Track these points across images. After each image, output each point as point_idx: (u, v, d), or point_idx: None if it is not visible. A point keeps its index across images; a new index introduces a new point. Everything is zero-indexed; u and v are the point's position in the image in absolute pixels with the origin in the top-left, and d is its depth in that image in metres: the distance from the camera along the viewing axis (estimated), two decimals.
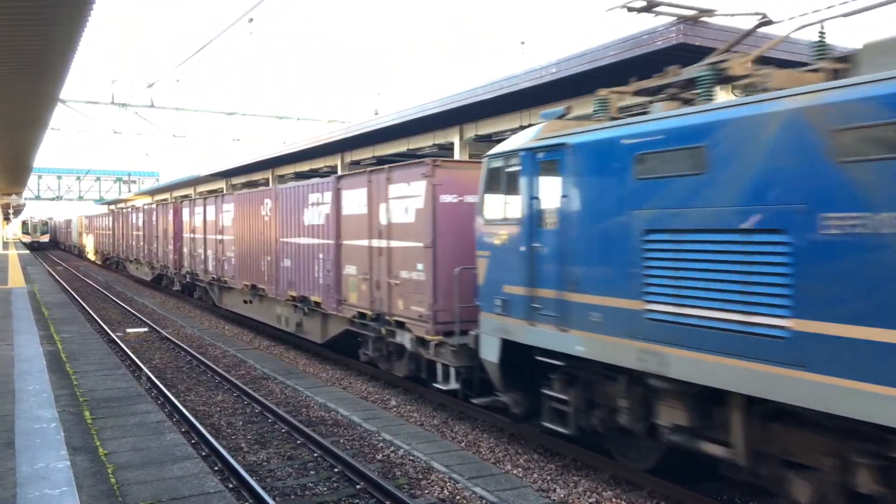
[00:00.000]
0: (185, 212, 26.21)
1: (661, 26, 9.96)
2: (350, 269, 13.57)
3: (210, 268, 22.98)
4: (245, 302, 20.17)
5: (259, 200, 18.53)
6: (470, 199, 10.96)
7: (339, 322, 14.43)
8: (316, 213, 15.01)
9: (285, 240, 16.66)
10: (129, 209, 38.91)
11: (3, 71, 12.56)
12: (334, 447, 9.42)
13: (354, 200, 13.40)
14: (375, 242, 12.67)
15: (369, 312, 12.92)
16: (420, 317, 11.31)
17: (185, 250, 26.11)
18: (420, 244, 11.22)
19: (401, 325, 11.97)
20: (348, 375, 14.54)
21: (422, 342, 11.40)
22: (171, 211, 27.94)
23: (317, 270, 14.99)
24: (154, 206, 31.70)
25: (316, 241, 15.02)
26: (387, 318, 12.35)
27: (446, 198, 11.03)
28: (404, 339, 11.90)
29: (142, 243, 34.10)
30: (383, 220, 12.38)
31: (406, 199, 11.67)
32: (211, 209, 22.88)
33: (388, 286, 12.22)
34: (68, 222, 78.47)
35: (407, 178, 11.64)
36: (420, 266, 11.21)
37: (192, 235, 25.08)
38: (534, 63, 12.77)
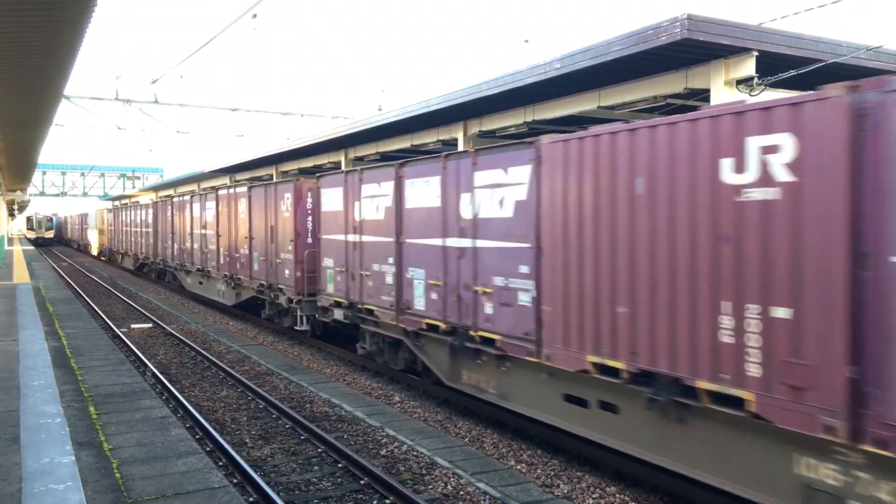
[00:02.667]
0: (330, 196, 14.86)
1: (665, 21, 9.92)
2: None
3: (418, 303, 11.65)
4: (606, 407, 8.29)
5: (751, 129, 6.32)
6: None
7: None
8: None
9: None
10: (190, 196, 27.10)
11: (8, 67, 12.57)
12: (338, 443, 9.44)
13: None
14: None
15: None
16: None
17: (330, 264, 14.87)
18: None
19: None
20: (352, 371, 14.55)
21: None
22: (286, 196, 17.40)
23: None
24: (243, 189, 20.72)
25: None
26: None
27: None
28: None
29: (214, 247, 23.34)
30: None
31: None
32: (428, 185, 11.36)
33: None
34: (83, 217, 68.13)
35: None
36: None
37: (352, 238, 13.81)
38: (538, 60, 12.74)
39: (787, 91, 11.29)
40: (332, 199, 14.94)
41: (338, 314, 14.71)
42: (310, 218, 16.73)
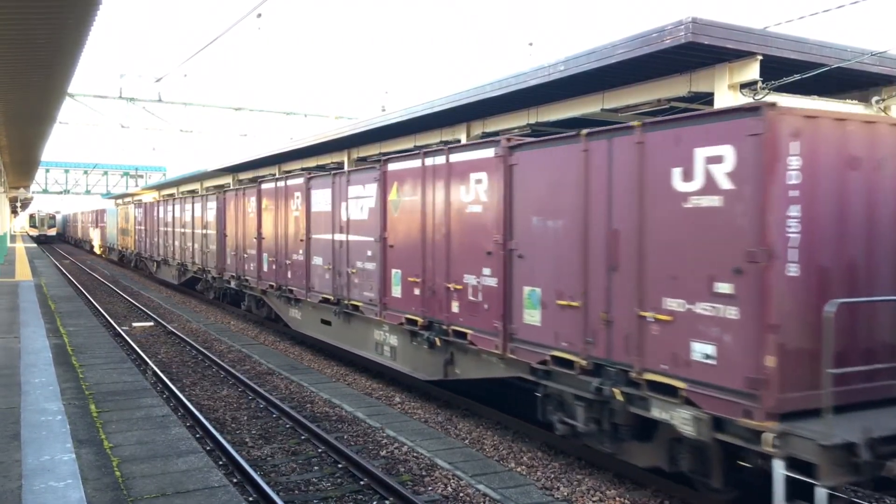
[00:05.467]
0: None
1: (669, 24, 9.92)
2: None
3: None
4: None
5: None
6: None
7: None
8: None
9: None
10: (305, 180, 16.34)
11: (12, 64, 12.60)
12: (338, 443, 9.44)
13: None
14: None
15: None
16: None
17: None
18: None
19: None
20: (353, 371, 14.55)
21: None
22: (714, 155, 6.77)
23: None
24: (481, 154, 10.25)
25: None
26: None
27: None
28: None
29: (371, 266, 13.12)
30: None
31: None
32: None
33: None
34: (98, 214, 57.54)
35: None
36: None
37: None
38: (542, 62, 12.73)
39: (790, 95, 11.30)
40: None
41: None
42: (794, 209, 6.52)
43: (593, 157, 8.21)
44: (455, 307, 10.69)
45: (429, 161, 11.38)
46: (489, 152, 10.03)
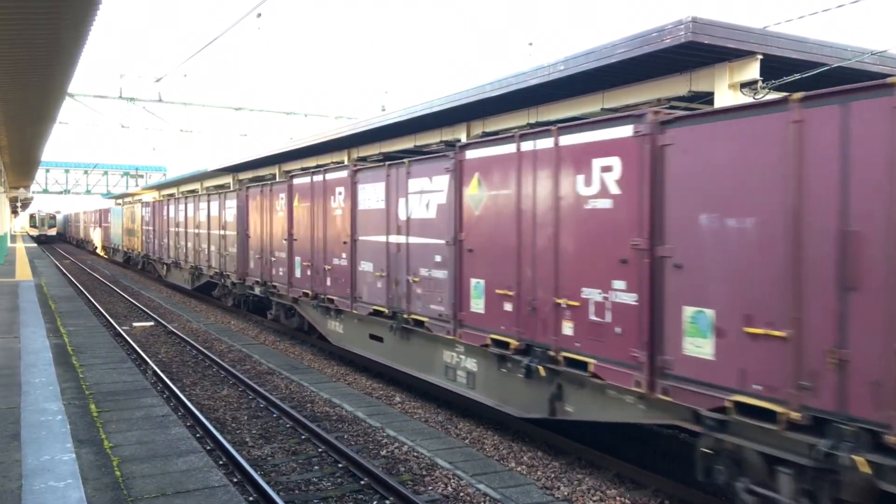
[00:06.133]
0: None
1: (669, 24, 9.92)
2: None
3: None
4: None
5: None
6: None
7: None
8: None
9: None
10: (350, 173, 13.86)
11: (12, 64, 12.61)
12: (338, 443, 9.44)
13: None
14: None
15: None
16: None
17: None
18: None
19: None
20: (353, 371, 14.55)
21: None
22: None
23: None
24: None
25: None
26: None
27: None
28: None
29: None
30: None
31: None
32: None
33: None
34: (102, 214, 54.03)
35: None
36: None
37: None
38: (541, 61, 12.74)
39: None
40: None
41: None
42: None
43: (812, 130, 5.87)
44: (568, 329, 8.45)
45: (527, 145, 9.10)
46: (625, 130, 7.69)
